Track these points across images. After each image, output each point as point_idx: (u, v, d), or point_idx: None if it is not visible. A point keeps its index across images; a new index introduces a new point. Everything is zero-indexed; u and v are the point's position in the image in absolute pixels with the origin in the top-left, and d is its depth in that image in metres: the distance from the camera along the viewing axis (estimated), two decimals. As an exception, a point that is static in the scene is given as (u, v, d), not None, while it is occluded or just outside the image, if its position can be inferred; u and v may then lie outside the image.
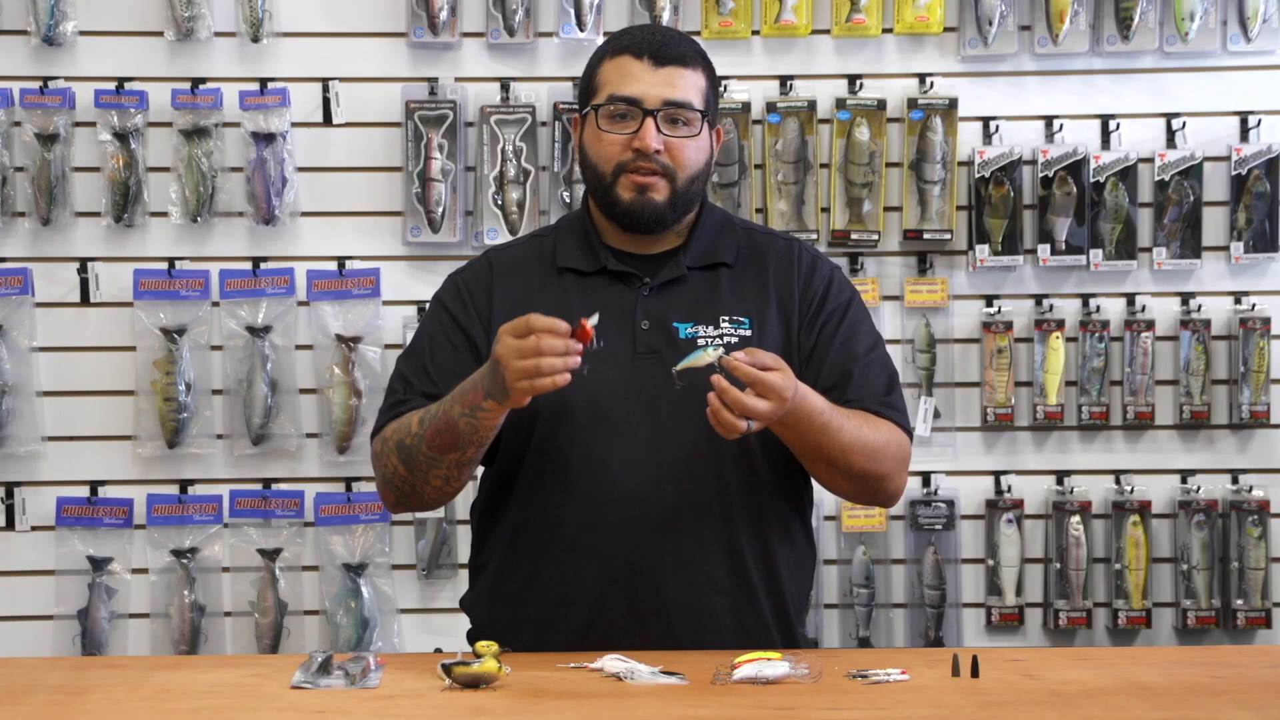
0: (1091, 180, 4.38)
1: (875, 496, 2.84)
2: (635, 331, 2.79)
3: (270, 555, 4.33)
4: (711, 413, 2.58)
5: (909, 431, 2.87)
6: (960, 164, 4.39)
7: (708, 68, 2.85)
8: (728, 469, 2.78)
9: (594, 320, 2.58)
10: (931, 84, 4.38)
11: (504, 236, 4.32)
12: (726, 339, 2.79)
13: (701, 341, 2.78)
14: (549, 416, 2.74)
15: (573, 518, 2.77)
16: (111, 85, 4.32)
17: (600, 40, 4.33)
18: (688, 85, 2.79)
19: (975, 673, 2.50)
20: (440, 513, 4.32)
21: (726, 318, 2.82)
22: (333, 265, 4.35)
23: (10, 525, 4.34)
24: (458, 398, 2.70)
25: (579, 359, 2.57)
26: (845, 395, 2.81)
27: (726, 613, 2.79)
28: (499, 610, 2.85)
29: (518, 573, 2.83)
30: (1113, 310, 4.42)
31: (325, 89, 4.35)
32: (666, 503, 2.75)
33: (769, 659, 2.48)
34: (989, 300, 4.41)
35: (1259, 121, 4.41)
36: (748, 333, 2.81)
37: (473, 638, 2.86)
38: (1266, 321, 4.39)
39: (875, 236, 4.38)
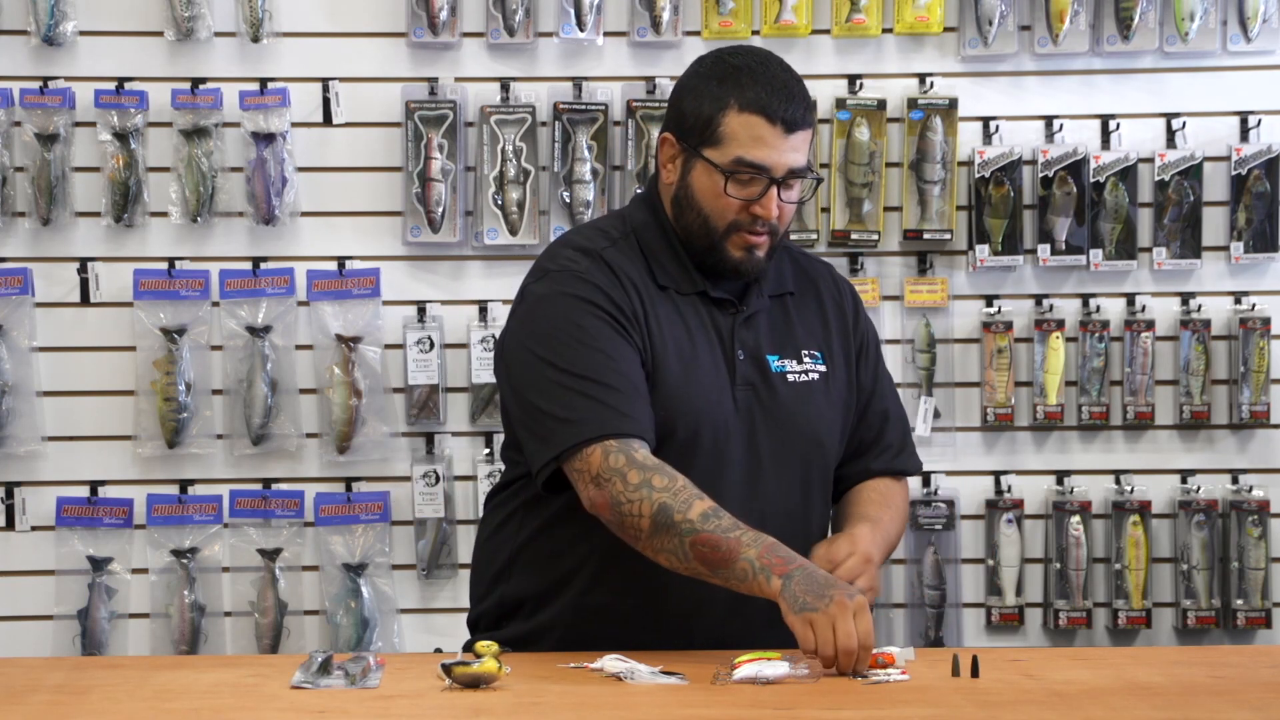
0: (1091, 180, 4.38)
1: None
2: (734, 362, 2.80)
3: (270, 555, 4.33)
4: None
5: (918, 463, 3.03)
6: (960, 164, 4.39)
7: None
8: (812, 510, 2.87)
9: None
10: (931, 84, 4.38)
11: (504, 237, 4.32)
12: (809, 374, 2.84)
13: (791, 374, 2.82)
14: (680, 444, 2.74)
15: None
16: (111, 85, 4.32)
17: (601, 41, 4.35)
18: (806, 147, 2.78)
19: (975, 673, 2.50)
20: (440, 512, 4.32)
21: (805, 351, 2.86)
22: (333, 265, 4.35)
23: (10, 525, 4.34)
24: (762, 546, 2.58)
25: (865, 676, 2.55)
26: (883, 439, 2.93)
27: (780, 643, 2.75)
28: (580, 626, 2.78)
29: (607, 588, 2.78)
30: (1113, 310, 4.42)
31: (325, 89, 4.35)
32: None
33: (769, 659, 2.47)
34: (989, 300, 4.41)
35: (1259, 121, 4.41)
36: (823, 368, 2.86)
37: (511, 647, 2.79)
38: (1266, 321, 4.39)
39: (875, 236, 4.38)
